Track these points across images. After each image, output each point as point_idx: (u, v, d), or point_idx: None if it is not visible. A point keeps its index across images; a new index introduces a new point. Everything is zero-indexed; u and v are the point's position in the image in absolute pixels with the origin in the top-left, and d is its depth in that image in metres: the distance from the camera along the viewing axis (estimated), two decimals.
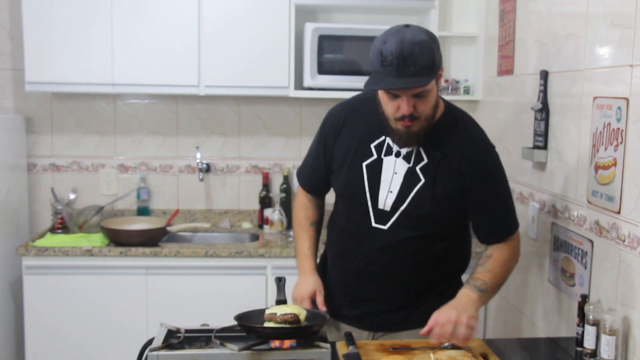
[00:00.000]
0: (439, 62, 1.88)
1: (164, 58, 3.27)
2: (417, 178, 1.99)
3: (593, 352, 1.94)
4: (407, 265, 2.06)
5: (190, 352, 1.78)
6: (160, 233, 3.29)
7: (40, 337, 3.16)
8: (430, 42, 1.84)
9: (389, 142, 2.02)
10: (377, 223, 2.03)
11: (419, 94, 1.87)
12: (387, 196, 2.01)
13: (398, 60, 1.80)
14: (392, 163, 2.01)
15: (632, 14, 1.93)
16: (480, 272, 2.01)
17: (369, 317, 2.14)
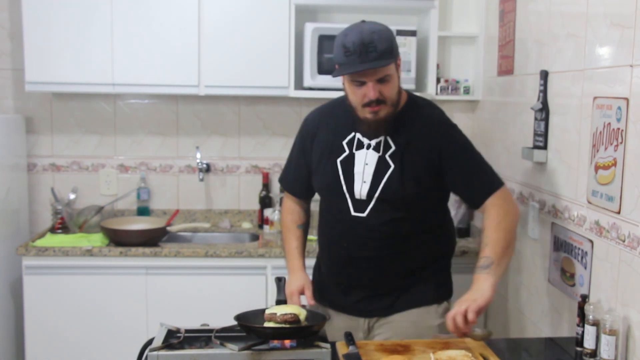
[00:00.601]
0: (397, 50, 2.06)
1: (164, 58, 3.27)
2: (387, 165, 2.14)
3: (593, 352, 1.94)
4: (389, 249, 2.18)
5: (190, 352, 1.78)
6: (160, 233, 3.29)
7: (40, 337, 3.16)
8: (387, 31, 2.04)
9: (358, 137, 2.18)
10: (356, 212, 2.17)
11: (383, 78, 2.03)
12: (362, 186, 2.16)
13: (360, 49, 1.98)
14: (364, 155, 2.17)
15: (632, 14, 1.93)
16: (481, 249, 2.10)
17: (361, 304, 2.25)
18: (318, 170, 2.26)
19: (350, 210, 2.18)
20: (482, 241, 2.11)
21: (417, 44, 3.33)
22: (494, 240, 2.08)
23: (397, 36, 3.22)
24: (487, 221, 2.12)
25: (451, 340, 2.00)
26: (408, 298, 2.23)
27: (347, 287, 2.26)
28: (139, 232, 3.26)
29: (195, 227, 3.53)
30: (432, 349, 1.91)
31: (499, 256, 2.06)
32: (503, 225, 2.10)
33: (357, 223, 2.17)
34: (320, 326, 1.92)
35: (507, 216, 2.13)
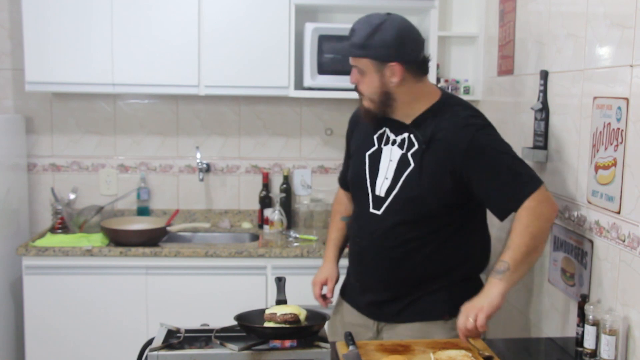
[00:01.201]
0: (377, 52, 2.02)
1: (164, 58, 3.27)
2: (407, 163, 2.09)
3: (593, 352, 1.94)
4: (400, 251, 2.12)
5: (190, 352, 1.78)
6: (160, 233, 3.29)
7: (40, 337, 3.16)
8: (372, 27, 2.02)
9: (387, 132, 2.17)
10: (373, 209, 2.15)
11: (358, 70, 2.08)
12: (383, 182, 2.13)
13: (349, 32, 2.07)
14: (389, 151, 2.14)
15: (632, 14, 1.93)
16: (502, 252, 2.01)
17: (372, 306, 2.22)
18: (352, 163, 2.28)
19: (370, 206, 2.16)
20: (506, 244, 2.01)
21: None
22: (516, 245, 1.99)
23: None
24: (515, 223, 2.02)
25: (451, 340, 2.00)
26: (415, 309, 2.16)
27: (360, 285, 2.25)
28: (139, 232, 3.26)
29: (195, 227, 3.53)
30: (432, 349, 1.91)
31: (517, 262, 1.97)
32: (530, 229, 2.00)
33: (373, 220, 2.15)
34: (320, 326, 1.92)
35: (537, 220, 2.01)
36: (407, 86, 2.08)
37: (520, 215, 2.01)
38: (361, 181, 2.19)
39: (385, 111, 2.13)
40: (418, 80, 2.10)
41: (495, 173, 2.04)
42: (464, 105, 2.16)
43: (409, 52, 2.06)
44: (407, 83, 2.07)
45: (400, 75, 2.05)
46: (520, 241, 1.99)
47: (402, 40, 2.03)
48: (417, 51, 2.09)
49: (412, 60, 2.06)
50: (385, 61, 2.04)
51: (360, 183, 2.20)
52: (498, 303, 1.93)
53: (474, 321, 1.89)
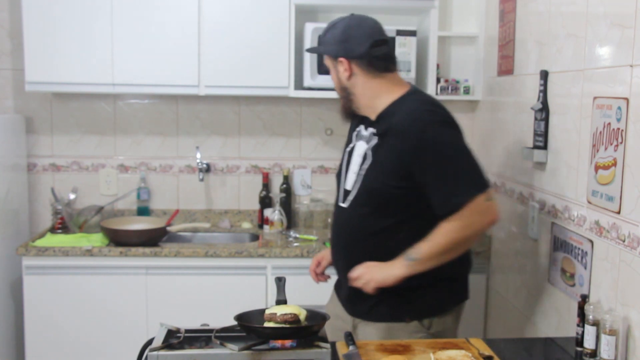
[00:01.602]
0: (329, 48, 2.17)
1: (164, 58, 3.27)
2: (367, 157, 2.16)
3: (593, 352, 1.94)
4: (363, 245, 2.16)
5: (190, 352, 1.78)
6: (160, 233, 3.29)
7: (40, 337, 3.16)
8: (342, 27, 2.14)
9: (361, 128, 2.25)
10: (341, 202, 2.24)
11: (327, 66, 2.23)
12: (350, 176, 2.22)
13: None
14: (360, 147, 2.22)
15: (632, 14, 1.93)
16: (422, 240, 2.04)
17: (347, 301, 2.29)
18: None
19: (340, 200, 2.26)
20: (429, 235, 2.03)
21: (417, 44, 3.33)
22: (435, 243, 2.03)
23: (397, 36, 3.28)
24: (444, 222, 2.02)
25: (451, 340, 2.01)
26: (381, 309, 2.18)
27: (339, 279, 2.35)
28: (139, 232, 3.26)
29: (195, 227, 3.53)
30: (432, 349, 1.91)
31: (428, 257, 2.03)
32: (453, 235, 2.02)
33: (341, 213, 2.24)
34: (320, 326, 1.92)
35: (463, 229, 2.02)
36: (360, 81, 2.16)
37: (451, 218, 2.01)
38: (339, 176, 2.31)
39: (351, 107, 2.22)
40: (374, 76, 2.15)
41: (438, 172, 2.03)
42: (424, 100, 2.16)
43: (354, 47, 2.12)
44: (359, 78, 2.15)
45: (349, 70, 2.15)
46: (439, 240, 2.03)
47: (347, 36, 2.13)
48: (363, 48, 2.12)
49: (357, 56, 2.12)
50: (335, 56, 2.17)
51: (338, 178, 2.31)
52: (390, 283, 2.06)
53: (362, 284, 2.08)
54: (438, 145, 2.03)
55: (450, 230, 2.02)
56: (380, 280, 2.06)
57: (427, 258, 2.04)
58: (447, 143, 2.05)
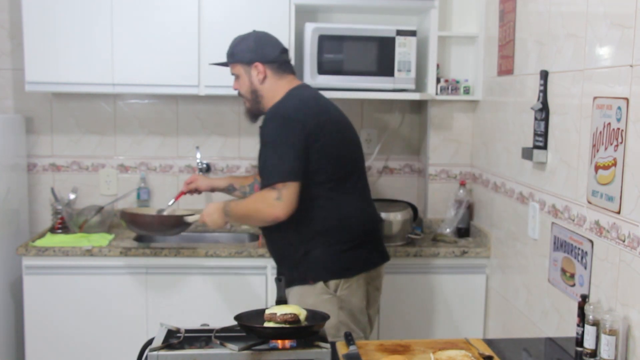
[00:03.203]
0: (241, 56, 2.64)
1: (164, 58, 3.27)
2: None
3: (593, 352, 1.94)
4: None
5: (190, 352, 1.78)
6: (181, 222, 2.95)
7: (40, 337, 3.16)
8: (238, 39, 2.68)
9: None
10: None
11: (236, 76, 2.69)
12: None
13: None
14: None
15: (632, 14, 1.93)
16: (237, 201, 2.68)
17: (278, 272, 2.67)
18: None
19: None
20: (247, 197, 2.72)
21: (417, 44, 3.33)
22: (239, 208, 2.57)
23: (397, 36, 3.28)
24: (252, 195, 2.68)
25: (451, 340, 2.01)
26: (292, 274, 2.51)
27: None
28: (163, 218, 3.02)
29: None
30: (432, 349, 1.91)
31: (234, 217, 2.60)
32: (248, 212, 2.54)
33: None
34: (320, 326, 1.92)
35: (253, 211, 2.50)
36: (269, 83, 2.62)
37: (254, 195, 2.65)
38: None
39: (258, 108, 2.66)
40: (280, 78, 2.63)
41: (261, 155, 2.53)
42: (287, 96, 2.59)
43: (268, 53, 2.61)
44: (269, 80, 2.62)
45: (264, 73, 2.61)
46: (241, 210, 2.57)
47: (260, 45, 2.61)
48: (275, 53, 2.62)
49: (270, 60, 2.60)
50: (250, 63, 2.60)
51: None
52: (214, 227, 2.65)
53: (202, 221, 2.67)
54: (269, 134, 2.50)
55: (246, 206, 2.56)
56: (209, 224, 2.63)
57: (233, 217, 2.61)
58: (268, 134, 2.50)
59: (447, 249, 3.26)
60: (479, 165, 3.48)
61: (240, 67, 2.65)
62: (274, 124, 2.50)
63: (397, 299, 3.24)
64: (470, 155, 3.62)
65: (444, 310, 3.30)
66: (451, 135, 3.60)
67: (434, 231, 3.54)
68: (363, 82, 3.32)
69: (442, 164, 3.63)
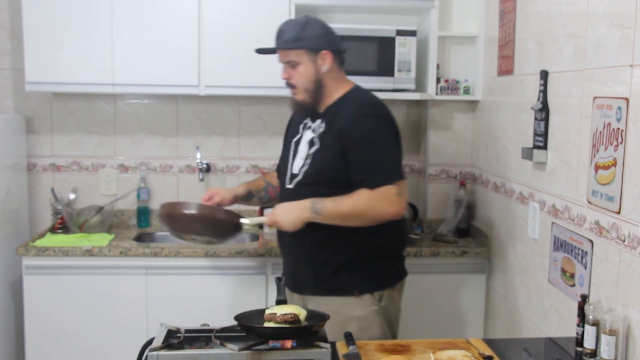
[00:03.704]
0: (310, 42, 2.37)
1: (164, 58, 3.27)
2: (314, 143, 2.42)
3: (593, 352, 1.94)
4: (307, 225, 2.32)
5: (190, 352, 1.79)
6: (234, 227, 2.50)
7: (40, 337, 3.16)
8: (302, 23, 2.39)
9: (308, 120, 2.49)
10: (288, 184, 2.46)
11: (289, 63, 2.40)
12: (298, 161, 2.45)
13: (276, 34, 2.42)
14: (308, 136, 2.46)
15: (632, 14, 1.93)
16: (333, 198, 2.30)
17: (294, 279, 2.47)
18: (281, 154, 2.61)
19: (286, 183, 2.47)
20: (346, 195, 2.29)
21: (417, 44, 3.33)
22: (341, 206, 2.28)
23: (396, 36, 3.28)
24: (357, 193, 2.28)
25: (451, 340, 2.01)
26: (331, 284, 2.39)
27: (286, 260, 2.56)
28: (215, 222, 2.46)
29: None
30: (432, 349, 1.91)
31: (328, 216, 2.28)
32: (359, 209, 2.29)
33: (287, 194, 2.45)
34: (321, 326, 1.92)
35: (369, 209, 2.28)
36: (333, 74, 2.43)
37: (365, 193, 2.28)
38: (285, 163, 2.51)
39: (317, 100, 2.43)
40: (339, 70, 2.47)
41: (366, 153, 2.32)
42: (366, 96, 2.46)
43: (335, 41, 2.43)
44: (333, 71, 2.43)
45: (330, 62, 2.40)
46: (344, 207, 2.29)
47: (328, 31, 2.42)
48: (340, 44, 2.46)
49: (337, 50, 2.43)
50: (318, 50, 2.38)
51: (284, 165, 2.52)
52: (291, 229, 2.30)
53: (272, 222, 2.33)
54: (372, 132, 2.34)
55: (358, 204, 2.29)
56: (283, 226, 2.32)
57: (328, 216, 2.29)
58: (379, 132, 2.35)
59: (447, 249, 3.26)
60: (479, 165, 3.48)
61: (304, 53, 2.38)
62: (379, 122, 2.36)
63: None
64: (470, 155, 3.62)
65: (444, 310, 3.30)
66: (451, 135, 3.60)
67: (434, 231, 3.54)
68: (363, 82, 3.27)
69: (442, 164, 3.63)
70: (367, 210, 2.29)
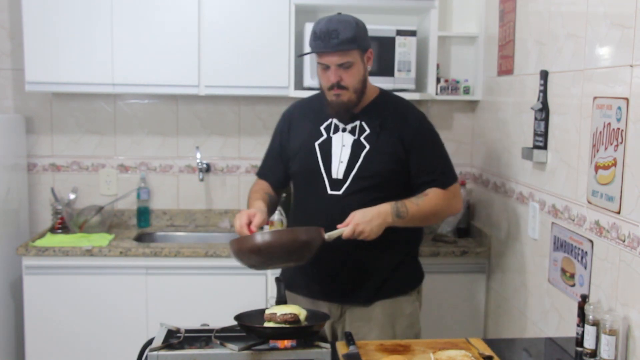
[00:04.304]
0: (363, 42, 2.27)
1: (164, 58, 3.27)
2: (362, 146, 2.32)
3: (593, 352, 1.94)
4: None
5: (190, 352, 1.78)
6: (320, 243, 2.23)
7: (40, 337, 3.16)
8: (354, 22, 2.26)
9: (335, 122, 2.37)
10: (332, 190, 2.32)
11: (343, 64, 2.24)
12: (339, 166, 2.33)
13: (324, 35, 2.21)
14: (340, 138, 2.35)
15: (632, 14, 1.93)
16: (410, 201, 2.28)
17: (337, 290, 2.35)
18: (297, 155, 2.42)
19: (327, 189, 2.32)
20: (417, 198, 2.30)
21: (417, 44, 3.33)
22: (423, 208, 2.28)
23: (396, 36, 3.28)
24: (432, 194, 2.32)
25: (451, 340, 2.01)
26: (389, 286, 2.37)
27: (319, 272, 2.33)
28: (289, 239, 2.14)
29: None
30: (432, 349, 1.91)
31: (412, 218, 2.26)
32: (438, 207, 2.33)
33: (333, 201, 2.31)
34: (320, 326, 1.92)
35: (446, 207, 2.36)
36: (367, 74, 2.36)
37: (440, 193, 2.33)
38: (314, 168, 2.35)
39: (360, 100, 2.33)
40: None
41: (433, 154, 2.38)
42: (404, 99, 2.46)
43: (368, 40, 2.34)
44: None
45: (372, 60, 2.36)
46: (427, 208, 2.30)
47: (365, 29, 2.32)
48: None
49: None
50: (366, 49, 2.30)
51: (312, 170, 2.35)
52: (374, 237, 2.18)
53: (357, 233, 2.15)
54: (433, 134, 2.40)
55: (437, 204, 2.32)
56: (369, 235, 2.17)
57: (409, 219, 2.26)
58: (437, 135, 2.42)
59: (447, 249, 3.26)
60: (479, 165, 3.48)
61: (358, 54, 2.26)
62: (431, 125, 2.43)
63: None
64: (470, 155, 3.62)
65: (443, 310, 3.29)
66: (451, 135, 3.60)
67: (434, 231, 3.54)
68: None
69: None
70: (444, 209, 2.36)
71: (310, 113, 2.45)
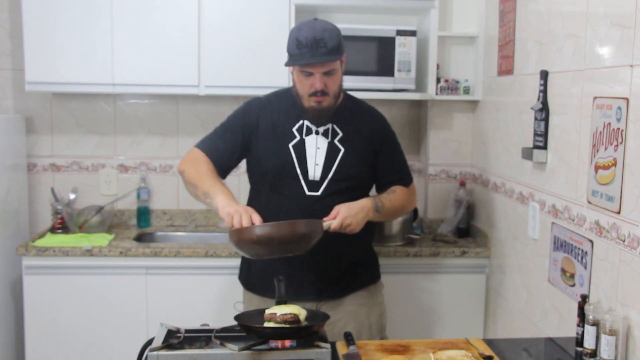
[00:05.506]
0: (343, 48, 2.32)
1: (164, 58, 3.27)
2: (337, 149, 2.40)
3: (593, 352, 1.94)
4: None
5: (190, 352, 1.79)
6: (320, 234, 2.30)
7: (40, 337, 3.16)
8: (336, 30, 2.30)
9: (307, 124, 2.41)
10: (310, 191, 2.38)
11: (329, 72, 2.28)
12: (315, 168, 2.38)
13: (312, 44, 2.22)
14: (314, 141, 2.40)
15: (632, 14, 1.93)
16: (384, 196, 2.44)
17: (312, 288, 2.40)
18: (267, 155, 2.41)
19: (305, 190, 2.37)
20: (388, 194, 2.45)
21: (417, 44, 3.33)
22: (395, 203, 2.45)
23: (397, 36, 3.28)
24: (399, 191, 2.49)
25: (451, 340, 2.01)
26: (358, 279, 2.49)
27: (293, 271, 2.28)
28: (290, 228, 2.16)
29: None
30: (432, 349, 1.91)
31: (387, 213, 2.43)
32: (405, 203, 2.53)
33: (311, 201, 2.36)
34: (320, 326, 1.92)
35: (410, 203, 2.58)
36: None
37: (404, 190, 2.52)
38: (289, 169, 2.37)
39: (336, 103, 2.39)
40: None
41: (397, 155, 2.54)
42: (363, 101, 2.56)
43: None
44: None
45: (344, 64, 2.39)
46: (397, 203, 2.47)
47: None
48: None
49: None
50: (343, 54, 2.33)
51: (288, 171, 2.38)
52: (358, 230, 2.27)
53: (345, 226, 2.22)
54: (395, 136, 2.56)
55: (404, 199, 2.51)
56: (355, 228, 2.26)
57: (385, 213, 2.42)
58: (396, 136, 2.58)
59: (447, 249, 3.26)
60: (479, 165, 3.48)
61: (339, 61, 2.31)
62: (391, 127, 2.57)
63: (397, 299, 3.23)
64: (470, 155, 3.62)
65: (444, 310, 3.30)
66: (451, 135, 3.60)
67: (434, 231, 3.53)
68: (363, 82, 3.32)
69: (442, 164, 3.63)
70: (408, 204, 2.56)
71: (278, 112, 2.42)
